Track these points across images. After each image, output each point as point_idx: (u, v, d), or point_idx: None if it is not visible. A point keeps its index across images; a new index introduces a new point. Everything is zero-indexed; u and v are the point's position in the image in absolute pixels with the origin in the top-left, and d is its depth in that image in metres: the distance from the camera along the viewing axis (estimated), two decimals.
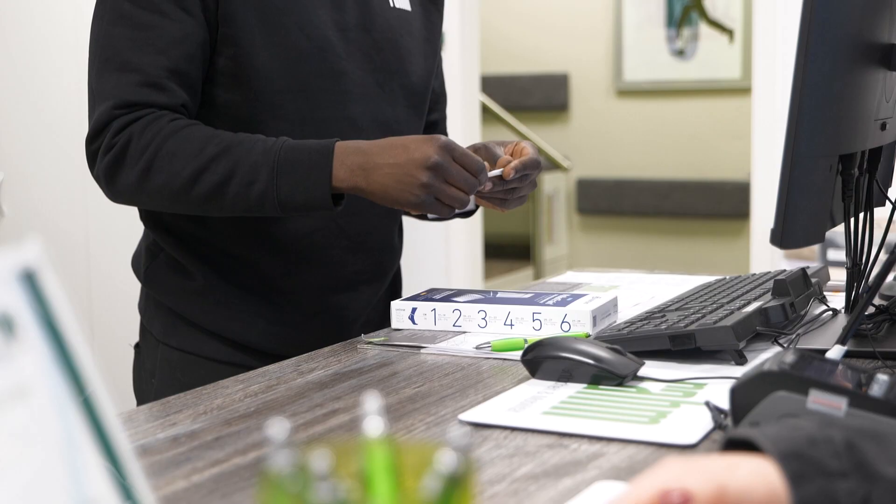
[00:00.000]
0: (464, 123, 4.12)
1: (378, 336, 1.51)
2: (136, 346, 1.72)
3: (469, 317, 1.53)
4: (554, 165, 6.21)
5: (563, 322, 1.48)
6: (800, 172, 1.18)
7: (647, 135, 6.46)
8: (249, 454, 1.03)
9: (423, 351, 1.43)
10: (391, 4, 1.68)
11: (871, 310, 1.45)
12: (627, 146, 6.53)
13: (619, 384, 1.23)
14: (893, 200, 1.51)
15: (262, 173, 1.46)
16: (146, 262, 1.68)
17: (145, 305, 1.70)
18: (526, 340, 1.37)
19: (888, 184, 1.62)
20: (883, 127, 1.42)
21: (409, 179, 1.42)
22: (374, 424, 0.50)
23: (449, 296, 1.59)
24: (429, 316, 1.54)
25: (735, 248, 6.01)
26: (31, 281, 0.50)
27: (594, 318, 1.48)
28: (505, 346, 1.40)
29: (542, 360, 1.27)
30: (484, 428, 1.09)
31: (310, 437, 1.08)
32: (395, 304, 1.57)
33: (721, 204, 6.19)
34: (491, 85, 6.31)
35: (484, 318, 1.52)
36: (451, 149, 1.44)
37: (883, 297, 1.72)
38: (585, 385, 1.23)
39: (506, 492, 0.91)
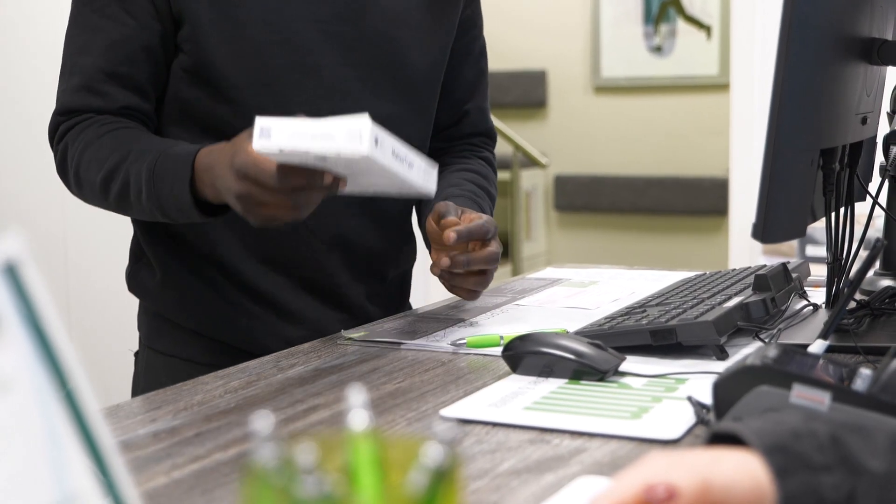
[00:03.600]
0: None
1: (357, 332, 1.50)
2: (136, 354, 1.70)
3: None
4: (532, 162, 6.21)
5: None
6: (781, 166, 1.18)
7: (625, 131, 6.47)
8: (230, 450, 1.02)
9: (402, 347, 1.42)
10: None
11: (852, 304, 1.45)
12: (605, 143, 6.53)
13: (601, 379, 1.23)
14: (874, 195, 1.52)
15: (143, 184, 1.44)
16: (130, 266, 1.69)
17: (138, 311, 1.70)
18: (502, 337, 1.37)
19: (868, 178, 1.62)
20: (864, 121, 1.43)
21: (237, 207, 1.33)
22: (359, 418, 0.50)
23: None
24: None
25: (713, 245, 6.02)
26: (12, 275, 0.49)
27: (261, 130, 1.25)
28: (480, 342, 1.40)
29: (523, 355, 1.26)
30: (466, 423, 1.09)
31: (290, 433, 1.08)
32: None
33: (699, 200, 6.21)
34: None
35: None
36: (250, 175, 1.28)
37: (864, 291, 1.73)
38: (567, 380, 1.23)
39: (488, 487, 0.91)
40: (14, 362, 0.47)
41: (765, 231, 1.19)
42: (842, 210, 1.47)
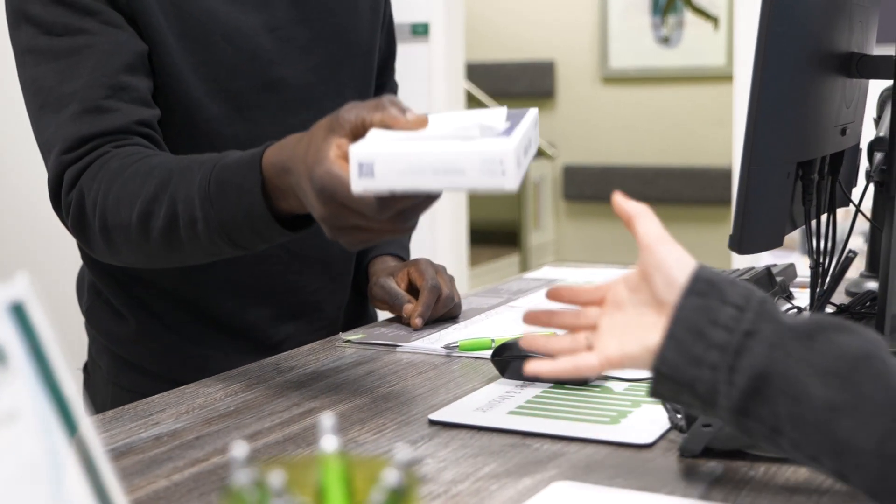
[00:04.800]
0: (449, 110, 4.16)
1: (356, 334, 1.56)
2: (85, 370, 1.65)
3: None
4: (539, 153, 6.26)
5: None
6: (757, 181, 1.23)
7: (633, 121, 6.52)
8: (227, 454, 1.08)
9: (397, 349, 1.48)
10: None
11: (832, 309, 1.50)
12: (614, 133, 6.58)
13: (584, 384, 1.28)
14: (856, 202, 1.57)
15: (198, 208, 1.22)
16: (89, 299, 1.59)
17: (91, 338, 1.62)
18: (493, 340, 1.42)
19: (852, 185, 1.67)
20: (843, 132, 1.47)
21: (323, 227, 1.12)
22: (329, 442, 0.56)
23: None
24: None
25: (719, 234, 6.07)
26: (20, 313, 0.55)
27: (360, 167, 1.02)
28: (472, 345, 1.45)
29: (510, 360, 1.32)
30: (452, 427, 1.15)
31: (286, 436, 1.13)
32: None
33: (705, 190, 6.26)
34: (477, 72, 6.36)
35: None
36: (337, 198, 1.06)
37: (850, 294, 1.78)
38: (551, 385, 1.29)
39: (468, 491, 0.97)
40: (19, 395, 0.53)
41: (741, 243, 1.24)
42: (824, 217, 1.52)
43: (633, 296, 0.94)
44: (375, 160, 0.99)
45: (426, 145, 0.99)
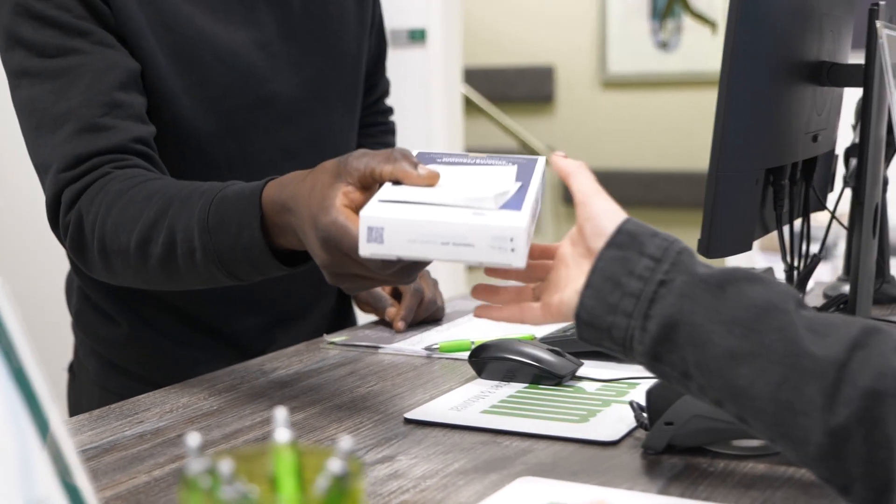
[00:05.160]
0: (446, 116, 4.20)
1: (340, 336, 1.60)
2: (70, 371, 1.67)
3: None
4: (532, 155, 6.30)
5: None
6: (724, 188, 1.27)
7: (632, 126, 6.55)
8: (206, 451, 1.12)
9: (380, 351, 1.52)
10: None
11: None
12: (613, 137, 6.61)
13: (558, 384, 1.32)
14: (831, 207, 1.60)
15: (196, 238, 1.22)
16: (77, 302, 1.61)
17: (78, 340, 1.64)
18: (473, 342, 1.46)
19: (828, 190, 1.70)
20: (815, 139, 1.51)
21: (323, 271, 1.12)
22: (281, 434, 0.59)
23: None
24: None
25: None
26: None
27: (370, 231, 0.99)
28: (452, 347, 1.49)
29: (487, 361, 1.36)
30: (426, 426, 1.18)
31: (265, 433, 1.17)
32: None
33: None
34: (477, 77, 6.40)
35: None
36: (342, 249, 1.06)
37: (826, 296, 1.82)
38: (526, 385, 1.32)
39: (436, 486, 1.01)
40: None
41: (709, 247, 1.28)
42: (799, 221, 1.55)
43: (574, 249, 1.00)
44: (385, 226, 0.98)
45: (437, 214, 0.98)
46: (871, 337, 0.84)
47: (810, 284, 1.88)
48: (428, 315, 1.64)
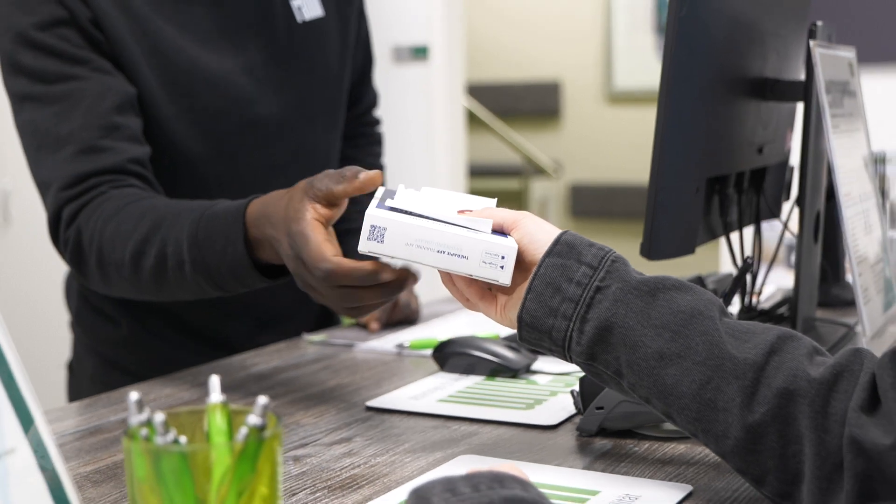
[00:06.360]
0: (449, 131, 4.30)
1: (318, 335, 1.71)
2: (69, 368, 1.77)
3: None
4: (537, 171, 6.40)
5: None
6: (663, 195, 1.37)
7: (638, 140, 6.64)
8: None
9: (354, 349, 1.63)
10: (299, 20, 1.66)
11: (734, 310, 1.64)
12: (619, 151, 6.71)
13: (514, 376, 1.43)
14: (782, 215, 1.70)
15: (186, 252, 1.32)
16: (77, 303, 1.71)
17: (77, 338, 1.74)
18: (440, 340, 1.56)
19: (781, 199, 1.80)
20: (760, 150, 1.61)
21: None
22: (214, 396, 0.70)
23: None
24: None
25: (726, 250, 6.17)
26: None
27: (372, 229, 1.06)
28: (421, 344, 1.60)
29: (449, 355, 1.46)
30: (385, 413, 1.29)
31: None
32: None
33: None
34: (483, 92, 6.51)
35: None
36: (302, 258, 1.17)
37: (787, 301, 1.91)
38: (484, 377, 1.43)
39: (385, 462, 1.11)
40: None
41: (651, 250, 1.38)
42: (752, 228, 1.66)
43: (518, 266, 1.07)
44: (388, 227, 1.04)
45: (437, 224, 1.05)
46: (785, 343, 0.94)
47: (772, 289, 1.98)
48: (403, 317, 1.75)
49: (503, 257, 1.04)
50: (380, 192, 1.15)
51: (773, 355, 0.93)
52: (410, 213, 1.06)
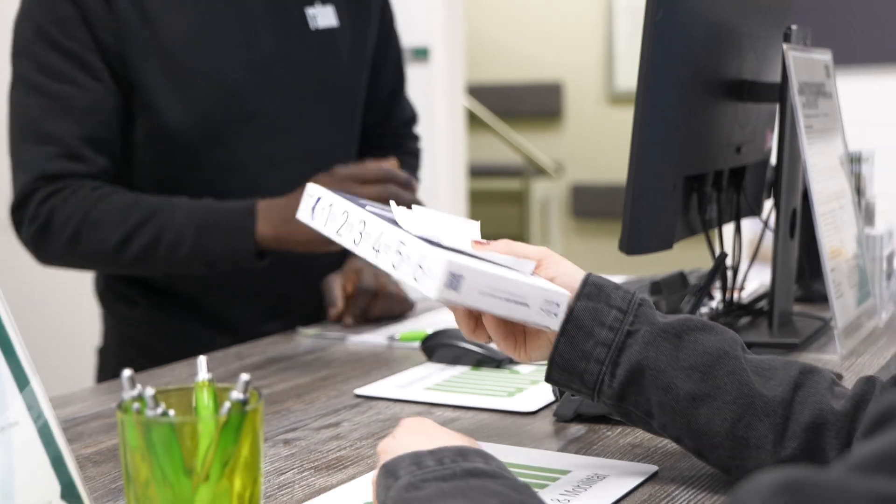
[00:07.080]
0: (450, 132, 4.35)
1: (313, 329, 1.77)
2: (100, 353, 1.88)
3: (351, 225, 1.10)
4: (538, 171, 6.45)
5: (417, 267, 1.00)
6: (641, 192, 1.43)
7: None
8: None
9: (347, 341, 1.69)
10: (312, 27, 1.78)
11: (705, 309, 1.69)
12: (620, 153, 6.73)
13: (498, 366, 1.49)
14: (762, 213, 1.76)
15: (188, 236, 1.59)
16: (102, 285, 1.85)
17: (103, 318, 1.87)
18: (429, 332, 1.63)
19: (762, 197, 1.86)
20: (738, 150, 1.67)
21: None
22: (202, 374, 0.77)
23: (360, 201, 1.17)
24: (325, 211, 1.14)
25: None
26: None
27: (451, 277, 0.97)
28: (410, 336, 1.66)
29: (436, 347, 1.52)
30: (373, 400, 1.35)
31: None
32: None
33: None
34: (485, 93, 6.57)
35: (360, 234, 1.08)
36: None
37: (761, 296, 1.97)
38: (470, 367, 1.49)
39: (371, 445, 1.17)
40: None
41: (629, 245, 1.44)
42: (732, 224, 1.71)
43: None
44: (464, 273, 0.96)
45: (502, 272, 1.00)
46: (807, 378, 0.99)
47: (755, 285, 2.04)
48: (386, 309, 1.80)
49: (558, 304, 1.01)
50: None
51: (798, 390, 0.98)
52: (474, 257, 1.02)
